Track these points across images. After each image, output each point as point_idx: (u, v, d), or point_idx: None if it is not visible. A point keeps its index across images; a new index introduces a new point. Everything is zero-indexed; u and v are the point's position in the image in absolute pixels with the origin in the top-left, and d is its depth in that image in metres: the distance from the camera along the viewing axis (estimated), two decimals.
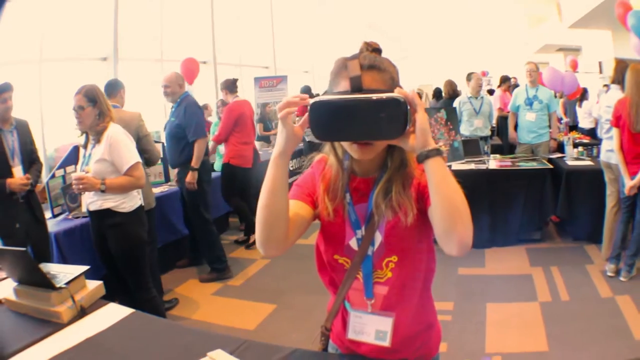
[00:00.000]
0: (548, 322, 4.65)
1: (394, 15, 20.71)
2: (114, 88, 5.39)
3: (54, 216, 5.43)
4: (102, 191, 3.94)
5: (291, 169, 10.22)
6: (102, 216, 4.11)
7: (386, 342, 1.80)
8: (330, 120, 1.41)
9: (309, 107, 1.43)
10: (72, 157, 5.74)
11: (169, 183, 6.93)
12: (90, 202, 4.12)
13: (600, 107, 6.08)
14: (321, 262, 1.95)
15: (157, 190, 6.32)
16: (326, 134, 1.47)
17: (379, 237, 1.75)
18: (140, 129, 5.10)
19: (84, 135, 4.15)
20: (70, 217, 5.42)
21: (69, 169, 5.73)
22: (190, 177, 5.99)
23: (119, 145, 3.99)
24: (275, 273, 6.44)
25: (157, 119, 8.90)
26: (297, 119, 1.53)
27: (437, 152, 1.41)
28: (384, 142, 1.56)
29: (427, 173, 1.45)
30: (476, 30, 23.55)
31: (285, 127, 1.49)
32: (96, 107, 3.98)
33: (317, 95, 8.83)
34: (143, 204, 4.41)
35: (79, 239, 5.13)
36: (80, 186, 3.86)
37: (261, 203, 1.58)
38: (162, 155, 6.54)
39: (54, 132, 5.54)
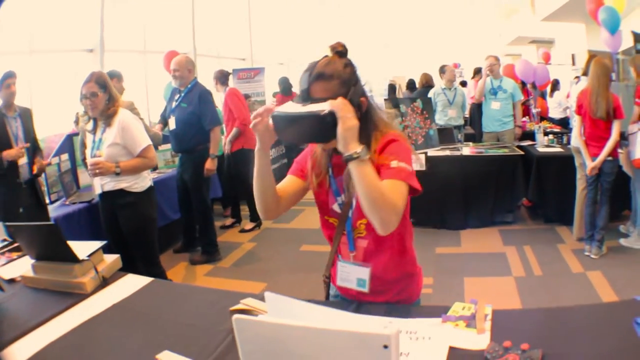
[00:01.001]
0: (523, 294, 4.97)
1: (367, 6, 20.77)
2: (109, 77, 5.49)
3: (51, 202, 5.57)
4: (117, 174, 4.11)
5: (273, 156, 10.49)
6: (115, 196, 4.28)
7: (365, 289, 2.20)
8: (283, 127, 1.89)
9: (270, 116, 1.90)
10: (66, 146, 5.96)
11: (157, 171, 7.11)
12: (104, 183, 4.28)
13: (571, 97, 6.42)
14: (322, 221, 2.32)
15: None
16: (283, 137, 1.95)
17: (354, 202, 2.13)
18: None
19: (92, 121, 4.28)
20: (67, 202, 5.58)
21: (63, 156, 5.86)
22: (211, 164, 6.16)
23: (130, 129, 4.15)
24: (261, 255, 6.69)
25: (141, 109, 8.90)
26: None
27: (353, 157, 1.78)
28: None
29: (350, 172, 1.84)
30: (449, 22, 23.64)
31: (257, 131, 1.96)
32: (107, 93, 4.13)
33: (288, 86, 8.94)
34: (153, 185, 4.56)
35: (77, 223, 5.30)
36: (97, 170, 4.04)
37: (254, 183, 2.11)
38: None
39: (42, 123, 5.67)
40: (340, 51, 2.02)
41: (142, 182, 4.36)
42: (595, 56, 6.12)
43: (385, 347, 1.08)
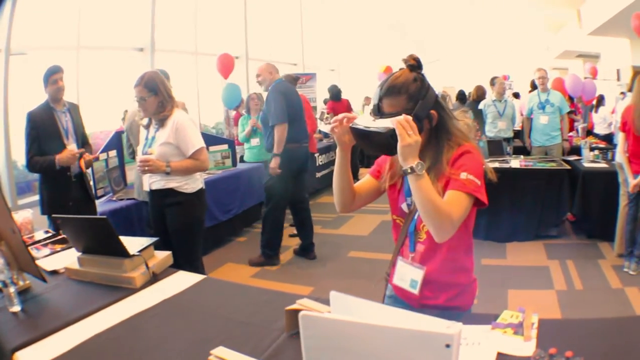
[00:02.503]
0: (564, 307, 5.03)
1: (416, 17, 20.72)
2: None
3: (98, 197, 5.71)
4: (167, 173, 4.13)
5: (320, 163, 10.61)
6: (164, 195, 4.27)
7: (416, 291, 2.28)
8: (357, 138, 2.08)
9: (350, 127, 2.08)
10: (114, 142, 6.18)
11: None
12: (153, 181, 4.28)
13: (617, 113, 6.42)
14: (392, 221, 2.45)
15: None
16: (359, 145, 2.16)
17: None
18: None
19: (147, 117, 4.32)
20: (114, 198, 5.79)
21: (111, 153, 6.05)
22: (273, 163, 6.19)
23: (185, 130, 4.15)
24: (308, 260, 6.77)
25: (192, 110, 9.07)
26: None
27: (407, 172, 1.94)
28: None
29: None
30: (498, 35, 23.49)
31: (335, 135, 2.15)
32: (158, 96, 4.11)
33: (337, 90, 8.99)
34: (204, 187, 4.54)
35: (124, 219, 5.50)
36: (146, 168, 4.07)
37: (333, 180, 2.35)
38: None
39: (88, 120, 5.73)
40: (411, 64, 2.12)
41: (193, 183, 4.37)
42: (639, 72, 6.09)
43: (448, 346, 1.12)
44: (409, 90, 2.07)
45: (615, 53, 16.92)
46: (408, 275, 2.32)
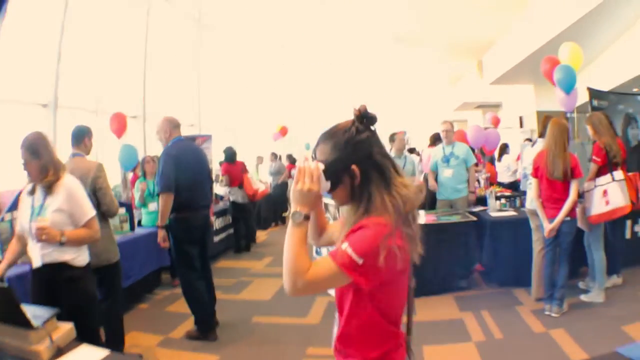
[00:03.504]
0: (485, 358, 4.88)
1: (312, 75, 20.93)
2: (78, 135, 5.11)
3: None
4: (62, 244, 3.72)
5: (218, 227, 10.46)
6: (56, 270, 3.83)
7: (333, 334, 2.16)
8: None
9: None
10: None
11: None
12: (45, 253, 3.81)
13: (525, 160, 6.45)
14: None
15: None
16: None
17: None
18: (97, 181, 4.87)
19: (32, 183, 3.94)
20: (18, 262, 5.38)
21: (16, 213, 5.68)
22: (159, 236, 5.79)
23: (77, 196, 3.86)
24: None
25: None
26: None
27: (288, 215, 1.83)
28: None
29: None
30: (396, 89, 23.94)
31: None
32: (40, 160, 3.80)
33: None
34: (90, 260, 4.15)
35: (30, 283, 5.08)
36: (43, 236, 3.62)
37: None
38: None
39: None
40: (356, 115, 2.03)
41: (83, 255, 3.99)
42: (550, 117, 6.16)
43: None
44: (336, 139, 2.01)
45: (518, 100, 17.44)
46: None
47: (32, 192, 3.94)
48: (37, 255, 3.88)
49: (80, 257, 3.96)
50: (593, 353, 4.64)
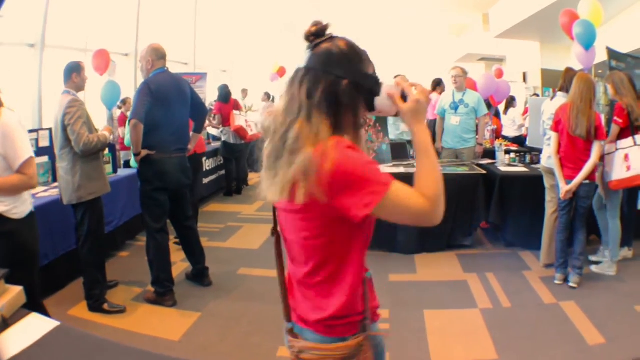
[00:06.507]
0: (492, 328, 4.47)
1: (311, 17, 20.68)
2: (66, 72, 4.90)
3: None
4: None
5: (208, 168, 10.08)
6: None
7: None
8: None
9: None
10: None
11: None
12: None
13: (545, 114, 6.02)
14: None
15: None
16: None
17: None
18: (65, 117, 4.61)
19: None
20: None
21: None
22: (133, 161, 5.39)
23: (13, 136, 3.32)
24: (203, 286, 5.84)
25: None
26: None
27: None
28: None
29: None
30: (399, 37, 23.64)
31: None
32: None
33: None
34: (33, 209, 3.69)
35: None
36: None
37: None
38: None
39: None
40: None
41: (22, 206, 3.51)
42: (572, 70, 5.81)
43: None
44: None
45: (522, 56, 17.32)
46: None
47: None
48: None
49: (17, 209, 3.46)
50: (607, 334, 4.30)
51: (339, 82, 1.65)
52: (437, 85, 10.63)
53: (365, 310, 1.78)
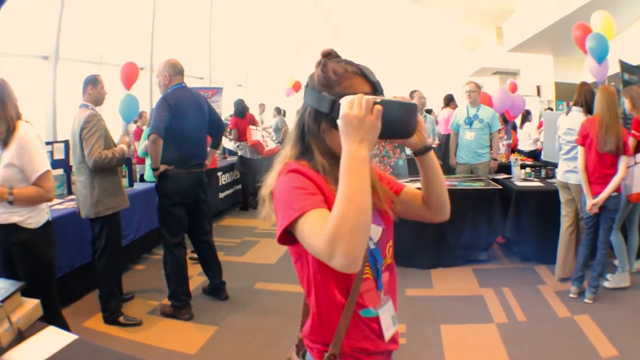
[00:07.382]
0: (508, 343, 4.48)
1: (324, 32, 20.69)
2: (84, 85, 4.93)
3: None
4: (10, 202, 3.37)
5: (224, 182, 10.06)
6: (7, 232, 3.50)
7: (396, 325, 1.81)
8: (397, 119, 1.49)
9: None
10: None
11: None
12: None
13: (561, 129, 6.00)
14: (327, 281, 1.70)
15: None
16: (391, 132, 1.51)
17: (378, 228, 1.78)
18: (82, 132, 4.64)
19: None
20: None
21: None
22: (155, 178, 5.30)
23: (30, 148, 3.42)
24: (219, 300, 5.87)
25: None
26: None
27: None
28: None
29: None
30: (413, 52, 23.67)
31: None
32: (5, 111, 3.40)
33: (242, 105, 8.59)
34: (50, 219, 3.78)
35: None
36: None
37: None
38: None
39: None
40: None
41: (38, 216, 3.59)
42: (586, 84, 5.85)
43: None
44: None
45: (536, 69, 17.31)
46: (388, 316, 1.78)
47: None
48: None
49: (32, 219, 3.55)
50: (621, 347, 4.31)
51: (306, 109, 1.67)
52: (450, 100, 10.66)
53: (335, 344, 1.67)
